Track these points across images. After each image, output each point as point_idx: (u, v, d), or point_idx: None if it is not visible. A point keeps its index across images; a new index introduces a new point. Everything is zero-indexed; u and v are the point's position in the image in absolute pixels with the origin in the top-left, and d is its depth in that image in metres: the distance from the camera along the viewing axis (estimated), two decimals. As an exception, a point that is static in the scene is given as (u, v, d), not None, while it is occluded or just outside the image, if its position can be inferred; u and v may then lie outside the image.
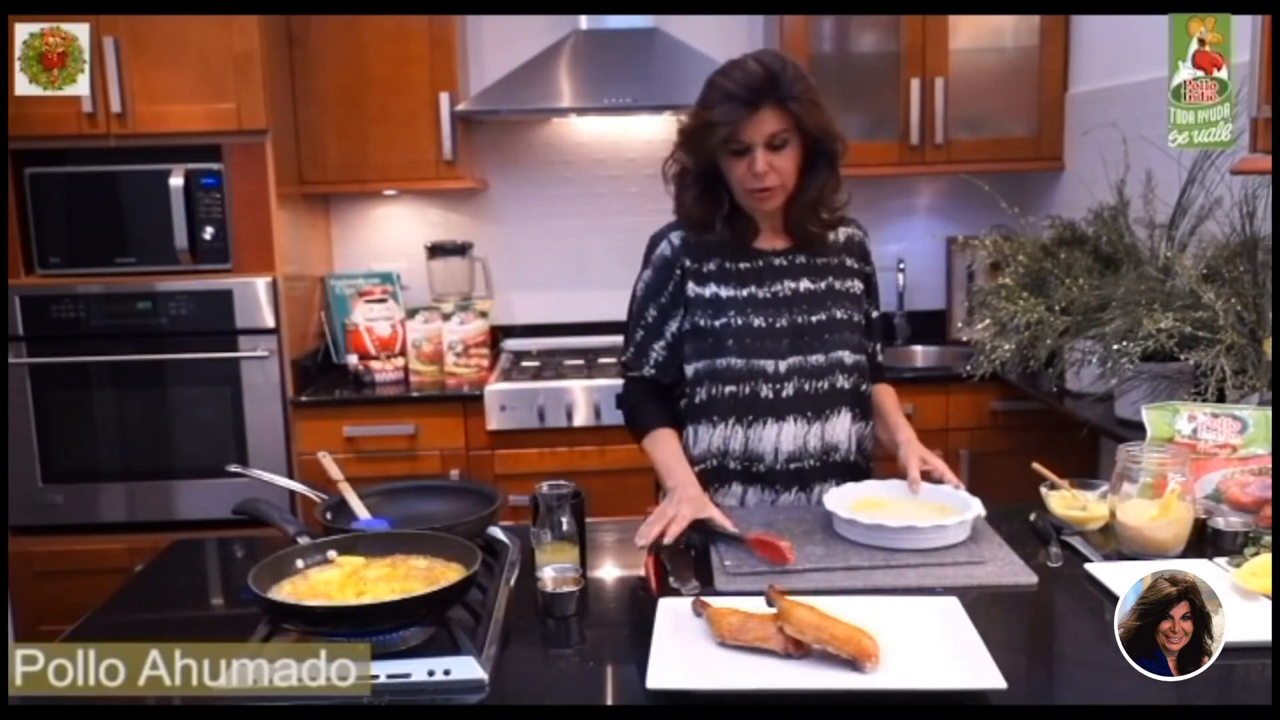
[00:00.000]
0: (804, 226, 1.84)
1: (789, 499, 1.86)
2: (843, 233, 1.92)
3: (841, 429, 1.87)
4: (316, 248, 3.53)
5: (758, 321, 1.83)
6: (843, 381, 1.86)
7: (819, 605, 1.28)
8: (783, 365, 1.82)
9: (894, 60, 3.36)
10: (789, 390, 1.83)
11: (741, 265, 1.85)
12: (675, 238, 1.88)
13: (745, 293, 1.84)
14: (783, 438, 1.84)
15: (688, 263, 1.86)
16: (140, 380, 3.05)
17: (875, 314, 1.99)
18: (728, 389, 1.84)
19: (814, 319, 1.84)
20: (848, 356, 1.86)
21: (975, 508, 1.66)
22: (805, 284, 1.86)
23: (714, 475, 1.87)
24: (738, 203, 1.83)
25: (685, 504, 1.65)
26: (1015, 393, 3.09)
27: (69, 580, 2.95)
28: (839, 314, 1.86)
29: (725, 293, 1.84)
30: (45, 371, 3.03)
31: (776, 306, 1.84)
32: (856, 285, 1.91)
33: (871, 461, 1.97)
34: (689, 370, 1.88)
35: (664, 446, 1.84)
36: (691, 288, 1.86)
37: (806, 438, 1.84)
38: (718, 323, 1.84)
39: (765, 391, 1.83)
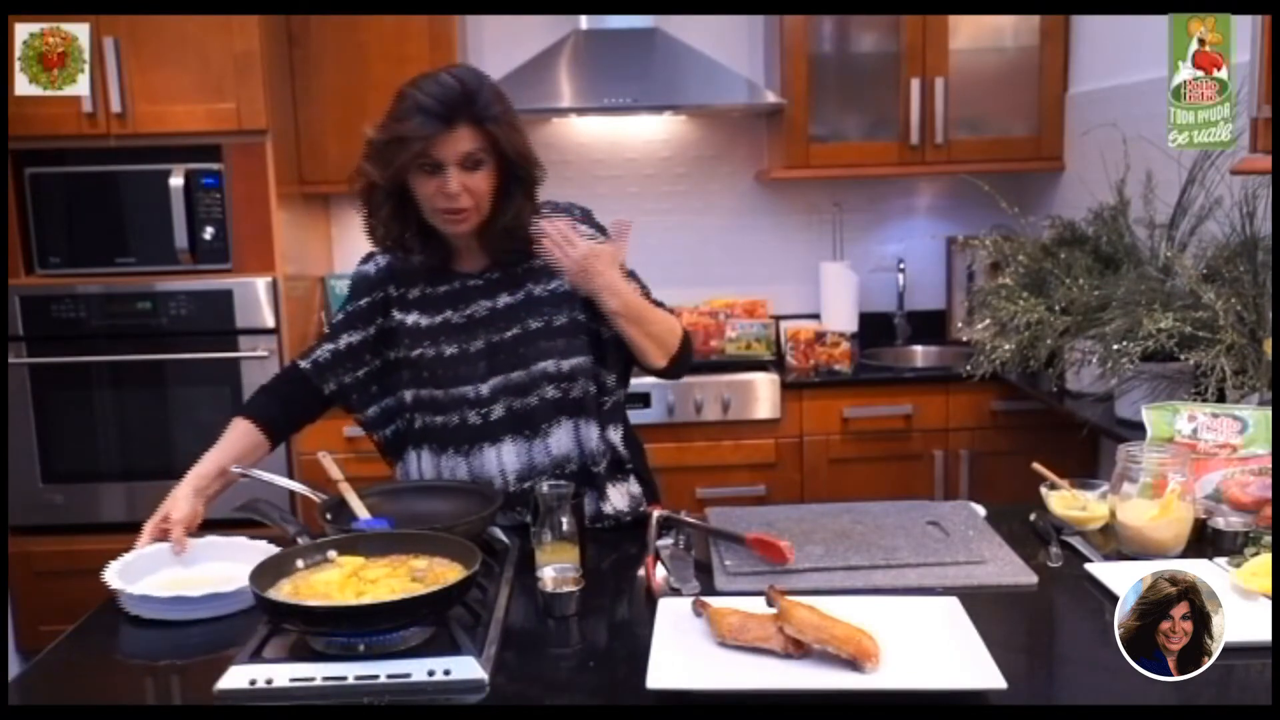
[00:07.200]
0: (500, 252, 1.76)
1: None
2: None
3: (566, 440, 1.77)
4: (316, 248, 3.53)
5: (449, 350, 1.76)
6: (553, 392, 1.74)
7: (819, 605, 1.28)
8: (484, 388, 1.74)
9: (894, 60, 3.36)
10: (498, 412, 1.75)
11: (440, 289, 1.78)
12: (383, 259, 1.82)
13: (440, 319, 1.77)
14: (505, 459, 1.76)
15: (393, 290, 1.80)
16: (140, 380, 3.05)
17: None
18: (438, 419, 1.79)
19: (508, 335, 1.75)
20: (553, 365, 1.74)
21: None
22: (503, 299, 1.77)
23: None
24: (430, 223, 1.72)
25: (170, 503, 1.67)
26: (1015, 393, 3.09)
27: (69, 580, 2.94)
28: (534, 324, 1.74)
29: (424, 321, 1.78)
30: (45, 371, 3.03)
31: (471, 329, 1.76)
32: (562, 281, 1.74)
33: (638, 457, 1.90)
34: (406, 396, 1.82)
35: (224, 437, 1.79)
36: (396, 315, 1.80)
37: (531, 455, 1.76)
38: (414, 354, 1.78)
39: (472, 417, 1.76)
